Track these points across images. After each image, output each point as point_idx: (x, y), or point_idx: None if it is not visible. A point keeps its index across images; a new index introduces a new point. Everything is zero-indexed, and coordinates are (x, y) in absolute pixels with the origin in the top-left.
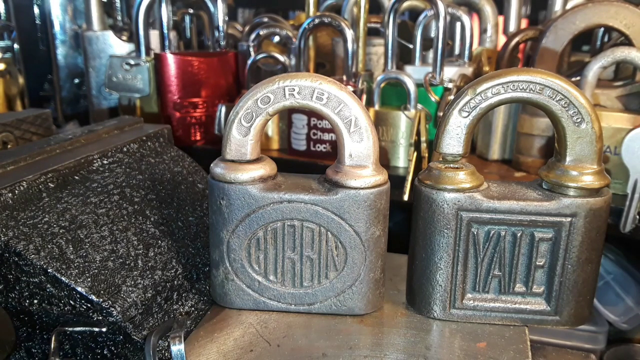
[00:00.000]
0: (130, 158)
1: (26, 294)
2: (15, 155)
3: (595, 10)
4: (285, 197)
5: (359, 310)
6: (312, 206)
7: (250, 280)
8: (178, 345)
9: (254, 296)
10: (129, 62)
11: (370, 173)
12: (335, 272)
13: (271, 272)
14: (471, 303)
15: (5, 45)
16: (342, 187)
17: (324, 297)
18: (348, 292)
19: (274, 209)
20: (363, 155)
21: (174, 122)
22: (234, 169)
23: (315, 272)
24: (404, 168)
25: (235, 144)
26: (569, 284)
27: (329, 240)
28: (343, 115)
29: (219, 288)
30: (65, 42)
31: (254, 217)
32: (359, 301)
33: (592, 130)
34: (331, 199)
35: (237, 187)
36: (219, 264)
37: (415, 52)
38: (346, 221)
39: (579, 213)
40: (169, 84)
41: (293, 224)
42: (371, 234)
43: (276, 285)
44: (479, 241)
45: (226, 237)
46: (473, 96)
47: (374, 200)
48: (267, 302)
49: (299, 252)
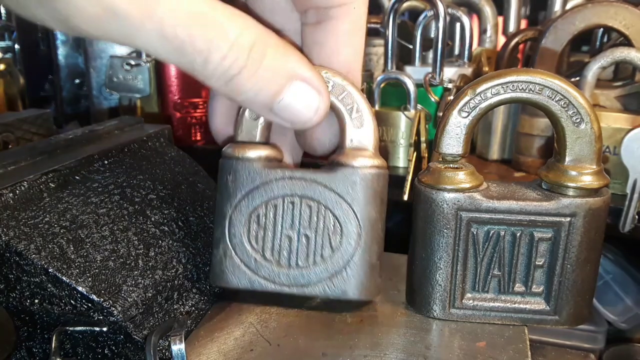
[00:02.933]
0: (130, 158)
1: (27, 294)
2: (16, 155)
3: (595, 11)
4: (287, 174)
5: (352, 294)
6: (313, 183)
7: (247, 257)
8: (179, 344)
9: (249, 274)
10: (130, 62)
11: (369, 155)
12: (330, 251)
13: (268, 249)
14: (471, 303)
15: (5, 46)
16: (342, 166)
17: (318, 278)
18: (342, 274)
19: (277, 185)
20: (363, 139)
21: (174, 122)
22: (242, 148)
23: (311, 251)
24: (404, 168)
25: (246, 126)
26: (568, 283)
27: (327, 218)
28: (345, 102)
29: (217, 267)
30: (65, 42)
31: (256, 193)
32: (353, 285)
33: (592, 130)
34: (331, 176)
35: (244, 163)
36: (220, 241)
37: (415, 53)
38: (344, 199)
39: (578, 213)
40: (169, 84)
41: (293, 200)
42: (368, 213)
43: (272, 264)
44: (479, 241)
45: (229, 211)
46: (473, 96)
47: (372, 181)
48: (262, 282)
49: (297, 229)
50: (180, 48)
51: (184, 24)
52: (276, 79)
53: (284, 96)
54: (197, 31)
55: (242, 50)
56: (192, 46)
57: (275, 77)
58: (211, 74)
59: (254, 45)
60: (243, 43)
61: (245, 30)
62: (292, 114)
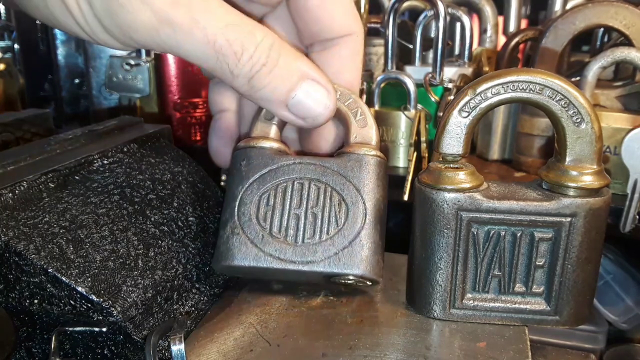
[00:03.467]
0: (130, 158)
1: (26, 294)
2: (16, 155)
3: (595, 11)
4: (297, 159)
5: (357, 269)
6: (321, 167)
7: (254, 234)
8: (178, 345)
9: (255, 251)
10: (129, 62)
11: (372, 147)
12: (336, 227)
13: (276, 226)
14: (471, 303)
15: (5, 46)
16: (348, 154)
17: (324, 254)
18: (347, 250)
19: (288, 169)
20: (366, 137)
21: (174, 122)
22: (257, 139)
23: (318, 228)
24: (404, 168)
25: (261, 125)
26: (568, 283)
27: (333, 197)
28: (351, 107)
29: (223, 246)
30: (65, 42)
31: (268, 176)
32: (358, 261)
33: (592, 130)
34: (338, 161)
35: (258, 150)
36: (227, 221)
37: (415, 52)
38: (350, 180)
39: (578, 213)
40: (169, 84)
41: (302, 182)
42: (372, 192)
43: (279, 241)
44: (479, 241)
45: (240, 193)
46: (473, 96)
47: (375, 166)
48: (267, 259)
49: (304, 208)
50: (219, 52)
51: (223, 32)
52: (290, 76)
53: (297, 92)
54: (233, 36)
55: (264, 50)
56: (229, 49)
57: (289, 75)
58: (239, 72)
59: (272, 46)
60: (265, 45)
61: (266, 35)
62: (304, 110)
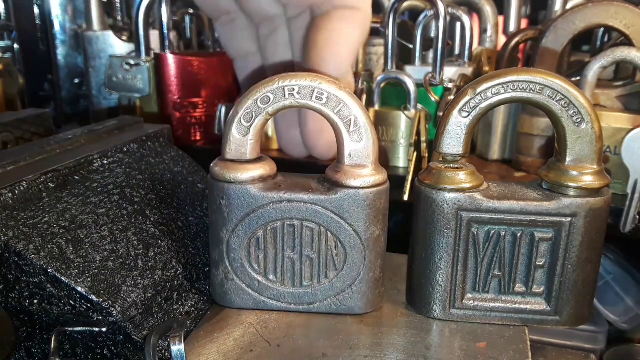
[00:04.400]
0: (130, 158)
1: (26, 294)
2: (15, 155)
3: (595, 11)
4: (285, 196)
5: (358, 309)
6: (312, 205)
7: (250, 280)
8: (178, 345)
9: (254, 296)
10: (129, 62)
11: (369, 172)
12: (335, 272)
13: (271, 271)
14: (471, 303)
15: (5, 45)
16: (341, 186)
17: (324, 296)
18: (348, 292)
19: (274, 209)
20: (362, 154)
21: (174, 122)
22: (233, 169)
23: (315, 272)
24: (404, 168)
25: (235, 143)
26: (569, 284)
27: (329, 240)
28: (343, 115)
29: (219, 288)
30: (65, 42)
31: (254, 217)
32: (359, 300)
33: (592, 130)
34: (331, 198)
35: (237, 186)
36: (219, 263)
37: (415, 52)
38: (346, 220)
39: (579, 213)
40: (169, 84)
41: (293, 224)
42: (371, 233)
43: (276, 285)
44: (479, 241)
45: (226, 236)
46: (473, 96)
47: (374, 200)
48: (267, 302)
49: (299, 252)
50: None
51: None
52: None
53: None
54: None
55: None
56: None
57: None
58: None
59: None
60: None
61: None
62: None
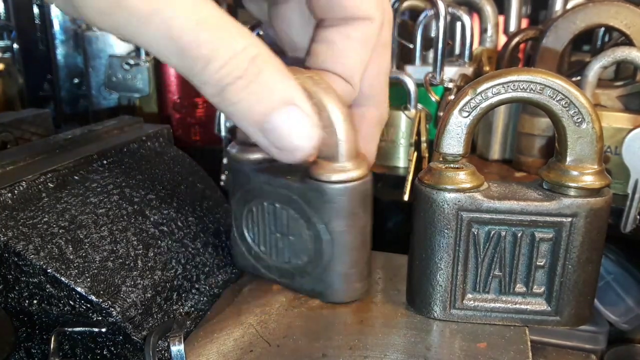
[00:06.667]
0: (129, 158)
1: (26, 294)
2: (15, 155)
3: (596, 10)
4: (270, 180)
5: (332, 298)
6: (286, 191)
7: (248, 248)
8: (178, 345)
9: (252, 262)
10: (129, 62)
11: (338, 167)
12: (307, 257)
13: (262, 244)
14: (471, 303)
15: (4, 45)
16: (309, 177)
17: (301, 276)
18: (322, 281)
19: (261, 189)
20: (332, 152)
21: (173, 122)
22: (240, 151)
23: (293, 253)
24: (404, 168)
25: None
26: (569, 284)
27: (301, 226)
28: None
29: (232, 249)
30: (64, 42)
31: (248, 193)
32: (333, 291)
33: (593, 130)
34: (300, 187)
35: (237, 164)
36: (232, 227)
37: (415, 52)
38: (314, 211)
39: (579, 213)
40: (168, 84)
41: (274, 205)
42: (336, 227)
43: (266, 256)
44: (479, 241)
45: (233, 205)
46: (473, 96)
47: (338, 196)
48: (261, 271)
49: (280, 233)
50: (183, 51)
51: (192, 29)
52: (270, 96)
53: (275, 116)
54: (204, 37)
55: (242, 62)
56: (197, 51)
57: (269, 95)
58: (207, 80)
59: (254, 60)
60: (245, 56)
61: (251, 45)
62: (281, 139)
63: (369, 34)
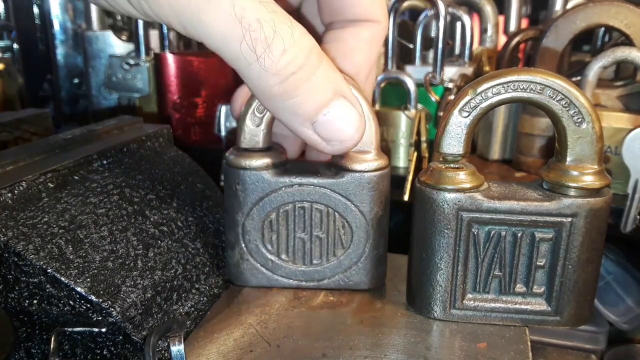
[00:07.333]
0: (129, 158)
1: (25, 294)
2: (15, 155)
3: (596, 10)
4: (296, 180)
5: (364, 284)
6: (321, 189)
7: (264, 260)
8: (178, 345)
9: (268, 274)
10: (129, 62)
11: (372, 157)
12: (343, 250)
13: (283, 251)
14: (471, 303)
15: (4, 45)
16: (347, 170)
17: (332, 273)
18: (354, 268)
19: (286, 192)
20: (366, 141)
21: (173, 122)
22: (248, 156)
23: (324, 251)
24: (404, 168)
25: (249, 133)
26: (569, 284)
27: (337, 220)
28: None
29: (234, 268)
30: (64, 42)
31: (267, 200)
32: (364, 276)
33: (593, 130)
34: (338, 181)
35: (251, 172)
36: (235, 245)
37: (415, 52)
38: (352, 202)
39: (579, 213)
40: (168, 84)
41: (303, 206)
42: (375, 213)
43: (288, 264)
44: (480, 241)
45: (241, 219)
46: (473, 96)
47: (377, 182)
48: (280, 280)
49: (309, 232)
50: (247, 29)
51: (257, 7)
52: (326, 89)
53: (330, 109)
54: (267, 17)
55: (302, 50)
56: (259, 32)
57: (325, 88)
58: (270, 66)
59: (312, 50)
60: (303, 44)
61: (305, 34)
62: (332, 131)
63: (376, 35)
